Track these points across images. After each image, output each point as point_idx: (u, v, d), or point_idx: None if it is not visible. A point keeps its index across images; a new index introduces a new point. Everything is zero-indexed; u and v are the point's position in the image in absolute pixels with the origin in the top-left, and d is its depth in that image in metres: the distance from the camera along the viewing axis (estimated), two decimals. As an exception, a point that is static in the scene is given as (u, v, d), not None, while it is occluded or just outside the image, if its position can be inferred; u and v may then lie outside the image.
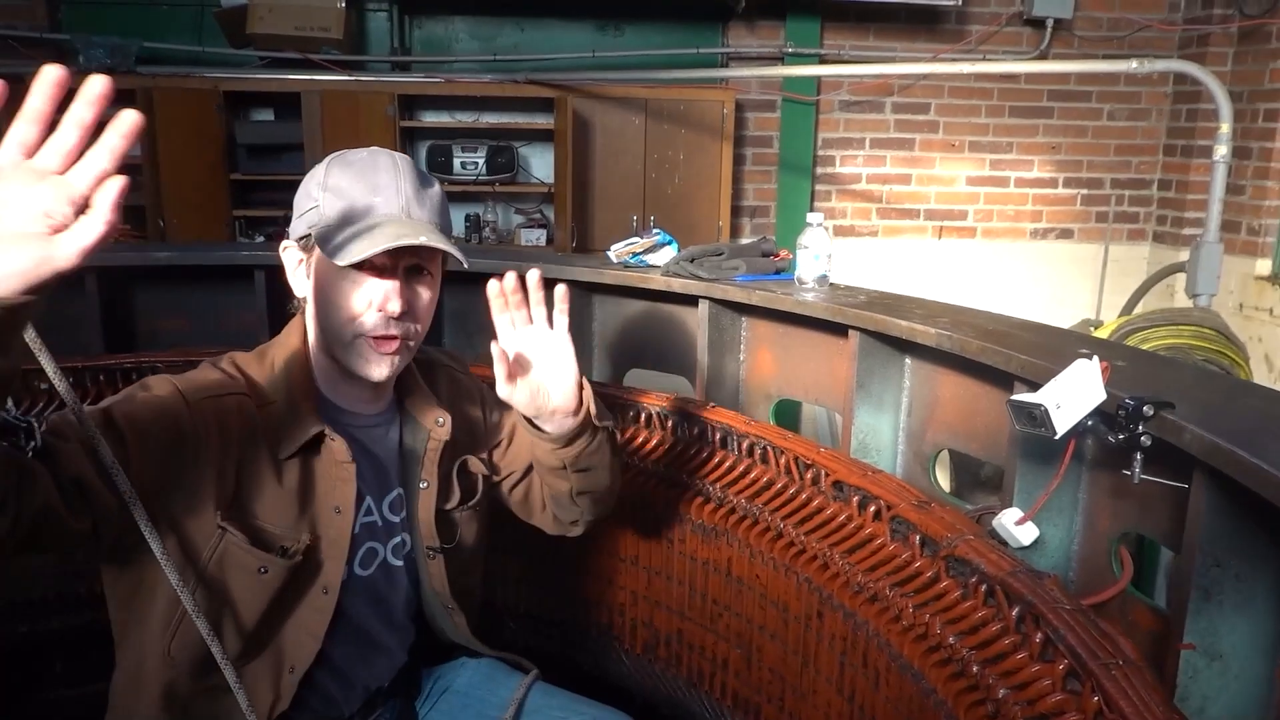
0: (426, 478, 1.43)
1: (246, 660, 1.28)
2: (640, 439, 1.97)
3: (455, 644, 1.57)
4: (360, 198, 1.25)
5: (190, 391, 1.21)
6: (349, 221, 1.24)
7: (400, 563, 1.44)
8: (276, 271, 1.42)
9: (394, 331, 1.28)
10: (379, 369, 1.29)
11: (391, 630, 1.46)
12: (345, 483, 1.31)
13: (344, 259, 1.20)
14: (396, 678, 1.49)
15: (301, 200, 1.30)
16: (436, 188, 1.34)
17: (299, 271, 1.33)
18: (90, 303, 2.49)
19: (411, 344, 1.32)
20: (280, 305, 2.69)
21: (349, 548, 1.33)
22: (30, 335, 1.01)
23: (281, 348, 1.33)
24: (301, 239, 1.29)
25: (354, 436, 1.34)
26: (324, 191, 1.26)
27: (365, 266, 1.23)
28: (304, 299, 1.34)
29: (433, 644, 1.56)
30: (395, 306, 1.25)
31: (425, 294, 1.31)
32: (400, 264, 1.26)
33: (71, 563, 2.12)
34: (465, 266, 1.29)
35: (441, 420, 1.43)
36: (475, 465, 1.52)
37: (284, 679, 1.31)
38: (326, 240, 1.23)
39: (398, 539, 1.43)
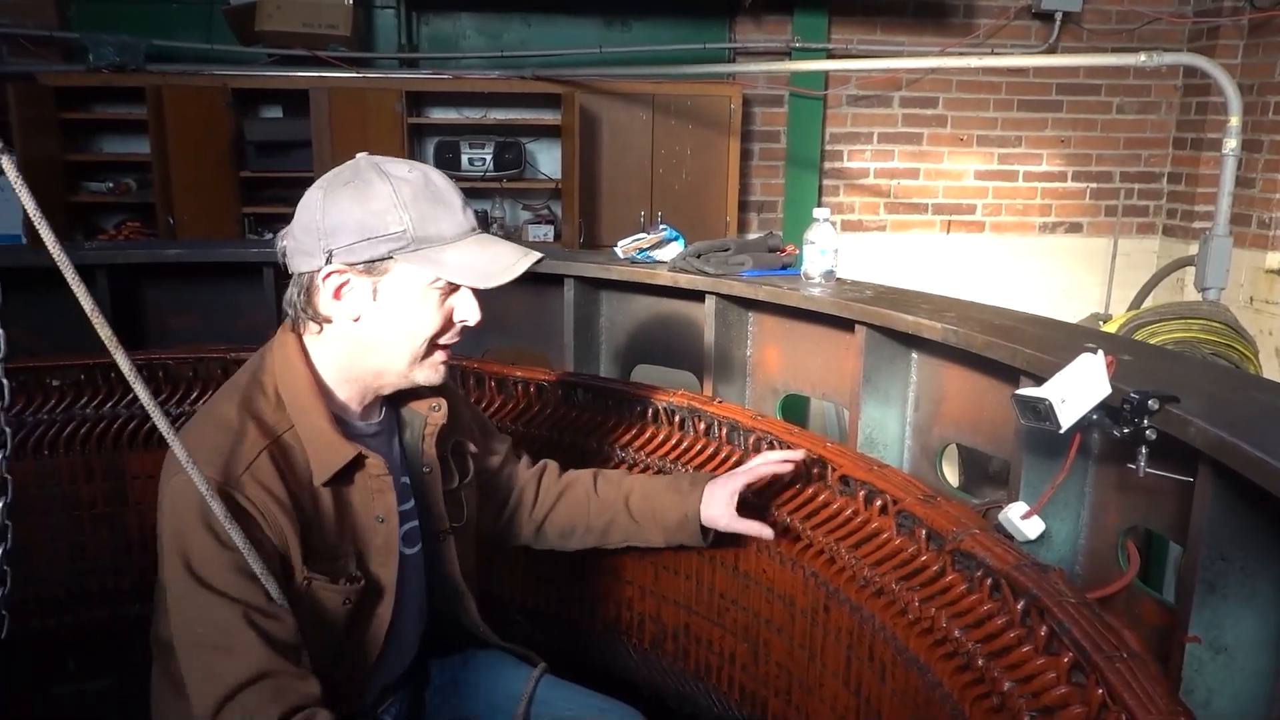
0: (429, 462, 1.46)
1: (328, 675, 1.30)
2: (648, 434, 1.97)
3: (463, 634, 1.58)
4: (445, 215, 1.27)
5: (232, 480, 1.20)
6: (451, 242, 1.26)
7: (414, 550, 1.46)
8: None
9: (460, 340, 1.35)
10: (443, 374, 1.36)
11: (411, 621, 1.48)
12: (383, 493, 1.33)
13: (491, 281, 1.26)
14: (407, 669, 1.50)
15: (367, 222, 1.23)
16: None
17: (351, 294, 1.27)
18: (100, 300, 2.49)
19: None
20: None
21: (396, 554, 1.37)
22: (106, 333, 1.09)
23: (285, 375, 1.30)
24: (368, 262, 1.24)
25: (372, 447, 1.35)
26: (405, 212, 1.23)
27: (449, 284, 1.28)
28: (327, 320, 1.30)
29: (442, 635, 1.57)
30: (479, 317, 1.32)
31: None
32: None
33: (82, 559, 2.14)
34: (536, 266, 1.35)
35: (436, 406, 1.46)
36: (482, 440, 1.61)
37: (354, 685, 1.36)
38: (439, 263, 1.25)
39: (409, 525, 1.45)
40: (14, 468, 1.12)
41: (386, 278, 1.26)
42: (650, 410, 1.99)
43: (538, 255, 1.31)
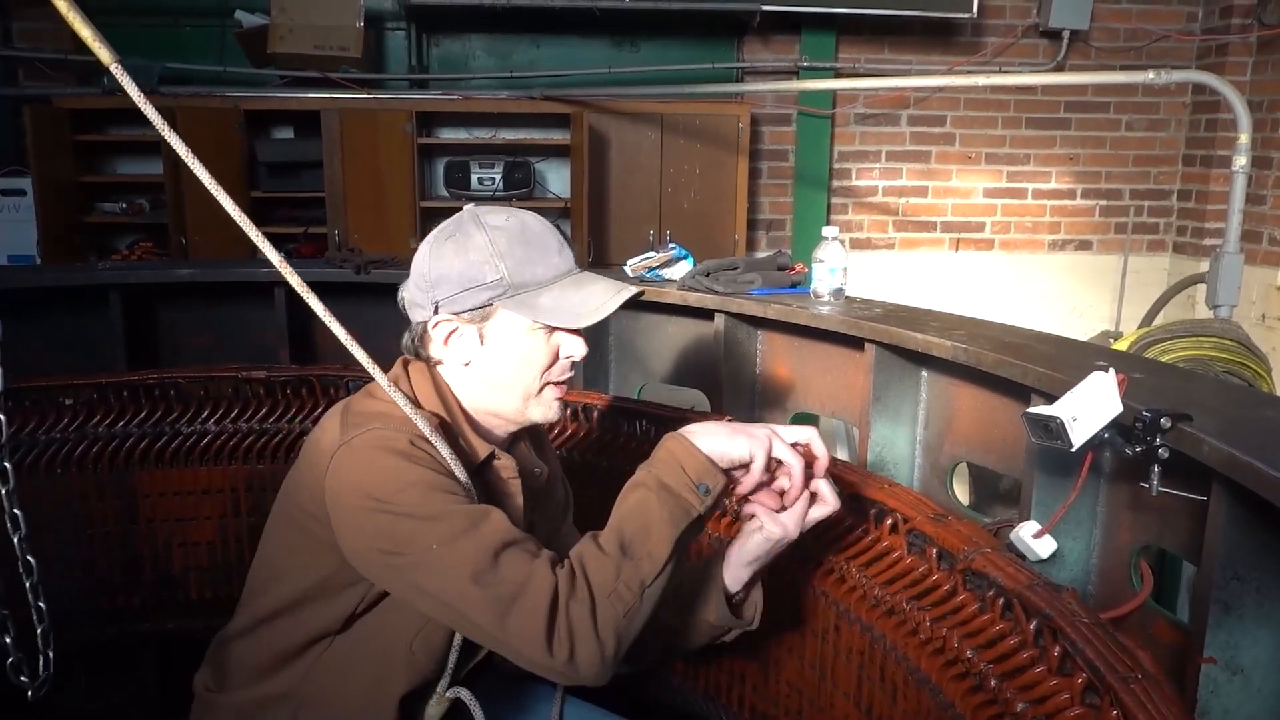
0: (545, 495, 1.50)
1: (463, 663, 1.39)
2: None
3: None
4: (541, 259, 1.32)
5: (417, 440, 1.23)
6: (547, 285, 1.31)
7: None
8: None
9: (572, 373, 1.40)
10: (559, 411, 1.40)
11: None
12: (512, 496, 1.38)
13: (583, 320, 1.30)
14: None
15: (468, 273, 1.30)
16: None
17: (459, 341, 1.34)
18: (114, 320, 2.52)
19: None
20: (300, 320, 2.73)
21: None
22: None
23: (429, 393, 1.35)
24: (473, 310, 1.31)
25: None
26: (502, 260, 1.30)
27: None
28: (439, 362, 1.36)
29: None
30: (585, 351, 1.37)
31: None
32: None
33: (93, 577, 2.15)
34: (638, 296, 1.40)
35: (539, 470, 1.49)
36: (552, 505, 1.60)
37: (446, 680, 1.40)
38: (534, 307, 1.30)
39: None
40: (25, 487, 1.12)
41: (490, 323, 1.32)
42: (659, 429, 1.98)
43: (631, 290, 1.35)
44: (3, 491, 1.06)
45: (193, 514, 2.19)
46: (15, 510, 1.07)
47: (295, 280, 1.09)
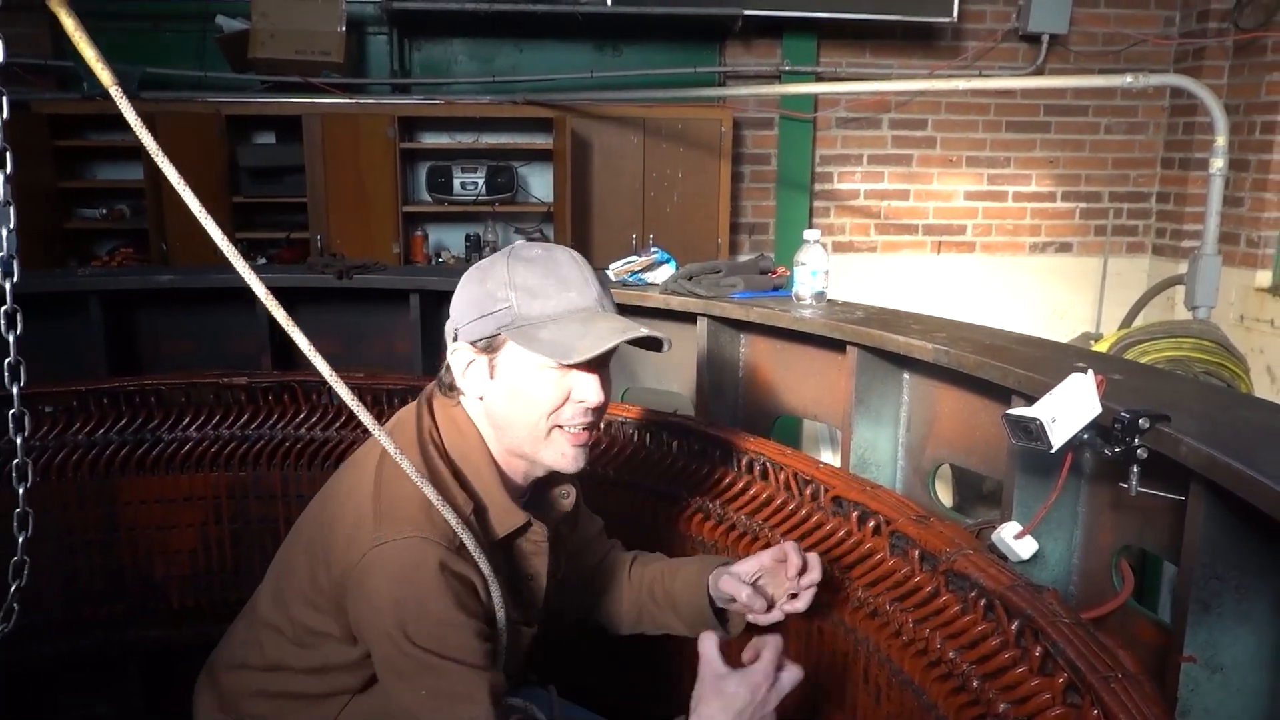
0: (553, 548, 1.46)
1: None
2: (641, 456, 1.97)
3: None
4: (554, 293, 1.26)
5: (454, 545, 1.24)
6: (551, 318, 1.25)
7: None
8: (279, 294, 1.41)
9: (589, 420, 1.31)
10: (576, 460, 1.32)
11: None
12: (539, 556, 1.40)
13: (571, 358, 1.22)
14: None
15: (481, 302, 1.28)
16: (607, 277, 1.37)
17: (474, 372, 1.31)
18: (94, 326, 2.50)
19: (598, 431, 1.37)
20: (282, 327, 2.71)
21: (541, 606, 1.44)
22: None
23: (458, 442, 1.34)
24: (483, 340, 1.28)
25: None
26: (513, 290, 1.26)
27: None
28: (464, 395, 1.34)
29: None
30: (598, 398, 1.28)
31: (610, 381, 1.34)
32: (598, 357, 1.27)
33: (75, 587, 2.13)
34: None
35: (566, 493, 1.48)
36: (584, 522, 1.62)
37: None
38: (533, 339, 1.24)
39: None
40: (2, 493, 1.11)
41: (500, 355, 1.28)
42: (643, 433, 1.99)
43: (637, 332, 1.26)
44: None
45: (174, 522, 2.17)
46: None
47: (263, 292, 1.06)
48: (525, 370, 1.27)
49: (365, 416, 1.16)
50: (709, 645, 1.27)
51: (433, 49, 4.93)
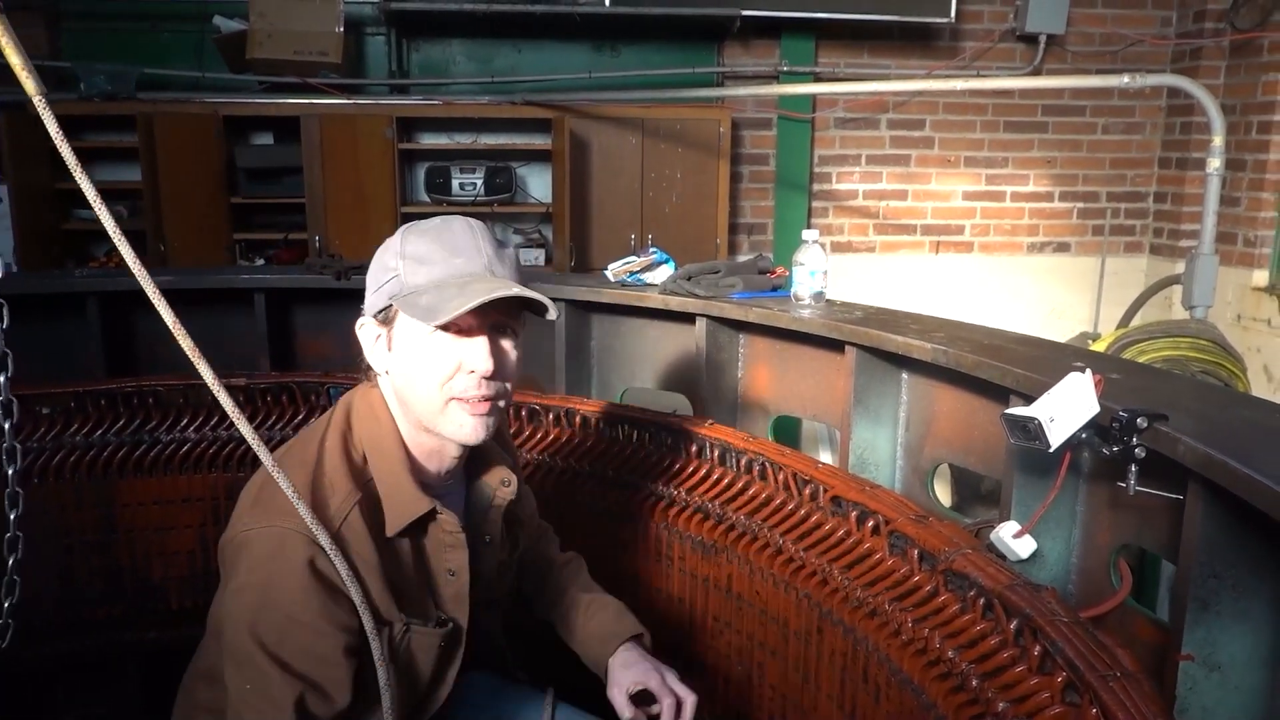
0: (490, 533, 1.46)
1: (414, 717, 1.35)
2: (639, 455, 1.97)
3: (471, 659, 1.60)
4: (441, 259, 1.24)
5: (319, 554, 1.19)
6: (435, 284, 1.22)
7: None
8: (277, 295, 1.42)
9: (486, 392, 1.26)
10: (474, 431, 1.28)
11: None
12: (455, 549, 1.35)
13: (436, 319, 1.18)
14: None
15: (376, 274, 1.28)
16: (512, 248, 1.34)
17: (378, 347, 1.30)
18: (92, 327, 2.50)
19: (502, 404, 1.31)
20: (281, 328, 2.72)
21: (467, 602, 1.38)
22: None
23: (369, 424, 1.31)
24: (380, 312, 1.27)
25: (446, 504, 1.35)
26: (402, 260, 1.24)
27: (452, 328, 1.22)
28: (379, 373, 1.32)
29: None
30: (487, 365, 1.24)
31: (512, 352, 1.30)
32: (487, 322, 1.25)
33: (72, 588, 2.13)
34: (553, 317, 1.28)
35: (508, 481, 1.46)
36: (526, 509, 1.59)
37: None
38: (414, 305, 1.22)
39: None
40: (0, 495, 1.11)
41: (395, 327, 1.27)
42: (641, 433, 1.99)
43: (511, 291, 1.22)
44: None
45: (172, 523, 2.17)
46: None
47: (152, 290, 1.03)
48: (417, 340, 1.24)
49: (244, 427, 1.12)
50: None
51: (431, 49, 4.93)
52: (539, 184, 4.86)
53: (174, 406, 2.18)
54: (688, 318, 2.34)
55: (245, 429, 1.07)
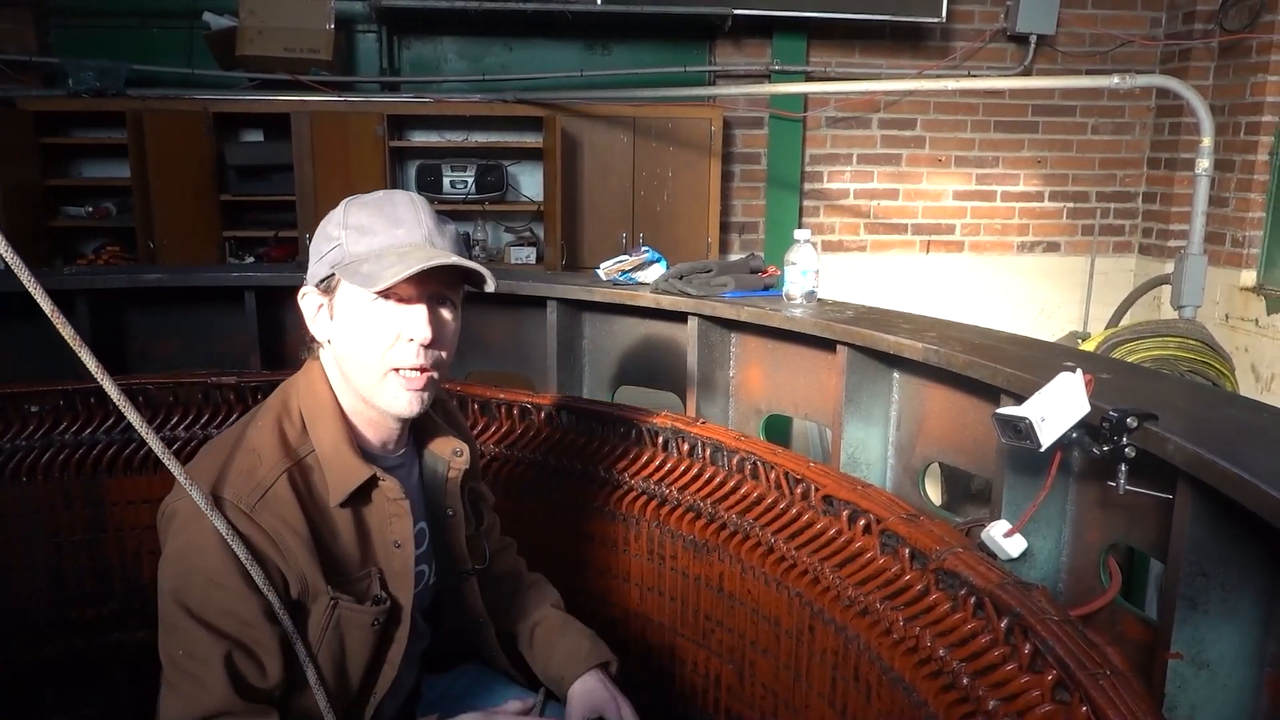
0: (452, 506, 1.47)
1: (349, 702, 1.34)
2: (631, 455, 1.97)
3: (457, 653, 1.60)
4: (383, 230, 1.26)
5: (245, 504, 1.21)
6: (375, 253, 1.24)
7: (419, 569, 1.46)
8: (267, 292, 1.42)
9: (423, 362, 1.27)
10: (410, 405, 1.29)
11: (415, 642, 1.48)
12: (400, 518, 1.34)
13: (376, 285, 1.20)
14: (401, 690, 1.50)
15: (319, 244, 1.29)
16: (453, 225, 1.36)
17: (320, 316, 1.31)
18: (80, 326, 2.49)
19: (437, 375, 1.32)
20: (271, 326, 2.71)
21: (412, 578, 1.37)
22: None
23: (307, 396, 1.32)
24: (323, 281, 1.28)
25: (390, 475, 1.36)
26: (344, 230, 1.26)
27: (392, 297, 1.24)
28: (324, 344, 1.33)
29: (439, 653, 1.58)
30: (425, 333, 1.25)
31: (451, 322, 1.32)
32: (426, 291, 1.26)
33: (62, 588, 2.12)
34: (492, 288, 1.29)
35: (459, 450, 1.46)
36: (483, 489, 1.61)
37: (368, 711, 1.37)
38: (354, 273, 1.23)
39: (419, 550, 1.45)
40: None
41: (337, 296, 1.28)
42: (633, 431, 1.99)
43: (449, 260, 1.23)
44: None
45: (163, 521, 2.16)
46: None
47: (39, 293, 1.01)
48: (358, 308, 1.26)
49: (135, 417, 1.09)
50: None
51: (422, 47, 4.92)
52: (530, 182, 4.86)
53: (164, 405, 2.16)
54: (679, 317, 2.34)
55: (135, 418, 1.07)
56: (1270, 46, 4.63)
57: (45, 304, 0.96)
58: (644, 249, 2.55)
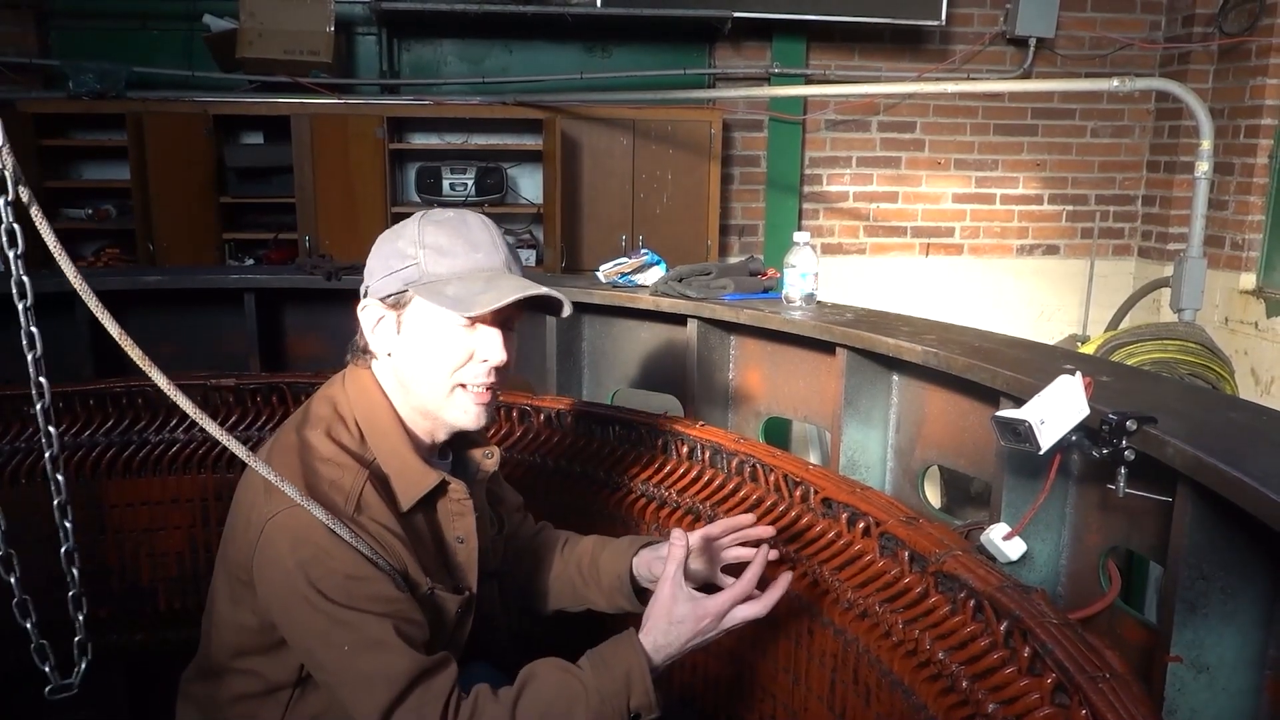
0: (479, 507, 1.49)
1: None
2: (630, 457, 1.97)
3: (473, 654, 1.60)
4: (463, 252, 1.29)
5: (345, 512, 1.25)
6: (458, 275, 1.28)
7: None
8: (267, 295, 1.42)
9: (492, 380, 1.33)
10: (478, 418, 1.35)
11: None
12: (464, 516, 1.40)
13: (470, 310, 1.25)
14: None
15: (389, 260, 1.31)
16: (513, 244, 1.40)
17: (382, 329, 1.33)
18: (80, 327, 2.49)
19: (499, 393, 1.38)
20: (270, 328, 2.71)
21: (476, 569, 1.43)
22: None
23: (363, 406, 1.35)
24: (392, 296, 1.31)
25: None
26: (421, 249, 1.29)
27: (472, 319, 1.28)
28: (380, 356, 1.36)
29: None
30: (502, 356, 1.31)
31: (515, 344, 1.37)
32: (502, 315, 1.30)
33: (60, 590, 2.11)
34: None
35: (490, 454, 1.50)
36: (507, 493, 1.66)
37: None
38: (439, 294, 1.27)
39: None
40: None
41: (407, 311, 1.31)
42: (632, 433, 1.99)
43: (539, 290, 1.29)
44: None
45: (161, 524, 2.16)
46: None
47: (95, 303, 1.02)
48: (431, 326, 1.29)
49: (210, 425, 1.15)
50: (676, 559, 1.34)
51: (422, 50, 4.92)
52: (530, 185, 4.86)
53: (163, 407, 2.16)
54: (679, 319, 2.34)
55: (211, 426, 1.06)
56: (1269, 49, 4.63)
57: (113, 328, 1.01)
58: (643, 251, 2.55)
